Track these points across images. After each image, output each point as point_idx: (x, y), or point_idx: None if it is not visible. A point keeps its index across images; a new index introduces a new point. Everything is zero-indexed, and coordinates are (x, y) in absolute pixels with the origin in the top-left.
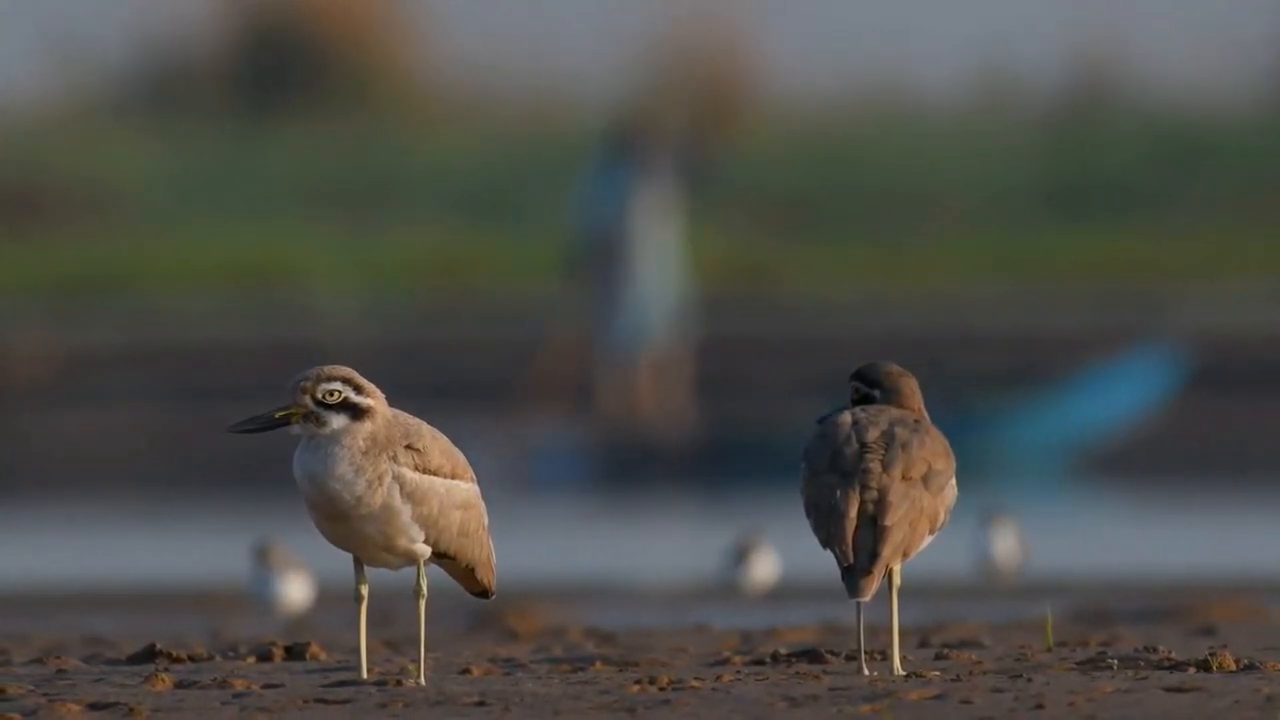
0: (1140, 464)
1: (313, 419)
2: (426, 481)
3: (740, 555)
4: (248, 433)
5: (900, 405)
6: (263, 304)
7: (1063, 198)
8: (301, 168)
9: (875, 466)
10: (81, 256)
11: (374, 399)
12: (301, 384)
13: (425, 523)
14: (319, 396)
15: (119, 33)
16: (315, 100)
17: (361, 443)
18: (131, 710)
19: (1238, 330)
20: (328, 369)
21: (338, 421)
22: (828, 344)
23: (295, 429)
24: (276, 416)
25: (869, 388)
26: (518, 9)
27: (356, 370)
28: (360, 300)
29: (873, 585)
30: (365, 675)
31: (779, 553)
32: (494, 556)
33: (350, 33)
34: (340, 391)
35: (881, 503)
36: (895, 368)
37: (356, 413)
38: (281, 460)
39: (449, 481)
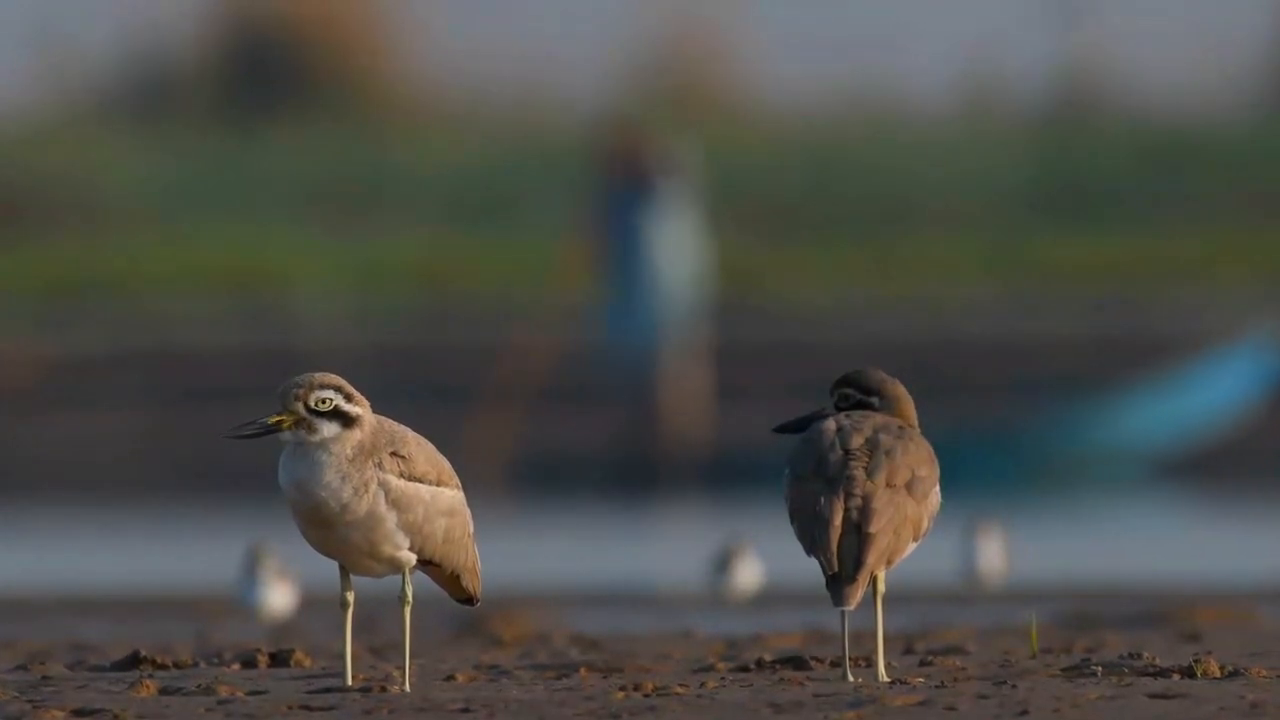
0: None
1: (304, 426)
2: (412, 488)
3: (724, 562)
4: (243, 439)
5: (898, 413)
6: (250, 309)
7: (1051, 202)
8: (289, 173)
9: (859, 473)
10: (69, 261)
11: (362, 407)
12: (295, 391)
13: (410, 530)
14: (312, 404)
15: (106, 38)
16: (302, 105)
17: (349, 450)
18: (116, 717)
19: (1231, 331)
20: (319, 376)
21: (328, 429)
22: (816, 350)
23: (286, 435)
24: (270, 423)
25: (865, 395)
26: (504, 14)
27: (344, 376)
28: (347, 305)
29: (857, 594)
30: (350, 682)
31: (763, 559)
32: (479, 563)
33: (337, 38)
34: (332, 399)
35: (865, 510)
36: (884, 374)
37: (346, 420)
38: (268, 466)
39: (434, 488)
